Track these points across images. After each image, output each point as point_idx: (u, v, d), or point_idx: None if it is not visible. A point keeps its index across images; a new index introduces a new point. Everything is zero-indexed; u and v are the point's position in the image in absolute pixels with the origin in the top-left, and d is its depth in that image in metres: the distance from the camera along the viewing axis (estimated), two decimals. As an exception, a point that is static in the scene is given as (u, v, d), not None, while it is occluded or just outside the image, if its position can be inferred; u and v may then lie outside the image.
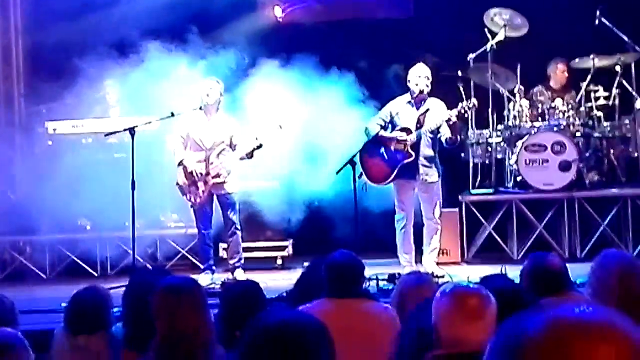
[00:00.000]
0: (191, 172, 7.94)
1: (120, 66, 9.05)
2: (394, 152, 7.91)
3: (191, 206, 8.12)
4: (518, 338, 1.31)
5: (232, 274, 8.11)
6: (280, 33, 9.76)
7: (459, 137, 8.03)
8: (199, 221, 8.14)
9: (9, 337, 3.36)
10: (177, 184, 8.05)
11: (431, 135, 7.94)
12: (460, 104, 7.94)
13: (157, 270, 5.73)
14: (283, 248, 9.26)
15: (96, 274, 9.10)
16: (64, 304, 4.80)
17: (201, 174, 7.96)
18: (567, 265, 4.54)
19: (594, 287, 3.95)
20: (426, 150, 7.93)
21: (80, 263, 9.17)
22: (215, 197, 8.10)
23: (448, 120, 7.73)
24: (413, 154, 7.85)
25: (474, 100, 8.14)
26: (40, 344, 3.90)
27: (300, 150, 8.77)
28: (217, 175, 7.98)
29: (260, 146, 7.88)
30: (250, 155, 7.95)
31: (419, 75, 7.95)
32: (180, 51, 8.96)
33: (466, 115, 8.23)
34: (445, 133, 7.86)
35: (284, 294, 6.28)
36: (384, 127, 7.96)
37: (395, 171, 7.88)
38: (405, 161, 7.86)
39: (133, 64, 9.01)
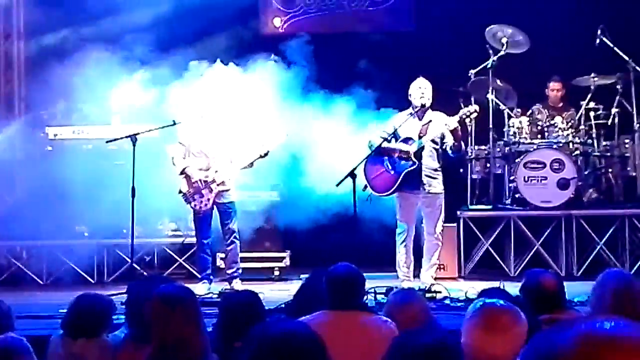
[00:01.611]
0: (197, 180, 7.95)
1: (123, 73, 9.06)
2: (397, 161, 7.93)
3: (196, 214, 8.10)
4: (549, 352, 1.32)
5: (230, 283, 8.10)
6: (280, 43, 9.76)
7: (462, 144, 8.04)
8: (199, 230, 8.14)
9: (14, 343, 3.36)
10: (181, 192, 8.05)
11: (435, 146, 7.95)
12: (461, 110, 7.98)
13: (158, 278, 5.71)
14: (280, 259, 9.26)
15: (93, 281, 9.09)
16: (62, 310, 4.78)
17: (205, 181, 7.97)
18: (564, 283, 4.55)
19: (592, 304, 3.98)
20: (430, 161, 7.94)
21: (77, 270, 9.16)
22: (215, 206, 8.09)
23: (448, 126, 7.75)
24: (416, 161, 7.87)
25: (475, 107, 8.15)
26: (36, 350, 3.89)
27: (298, 161, 8.77)
28: (223, 183, 8.00)
29: (266, 154, 7.93)
30: (251, 164, 8.00)
31: (419, 87, 7.99)
32: (181, 59, 8.96)
33: (468, 121, 8.21)
34: (449, 142, 7.88)
35: (283, 305, 6.28)
36: (388, 141, 7.96)
37: (399, 179, 7.88)
38: (409, 169, 7.87)
39: (135, 70, 9.04)
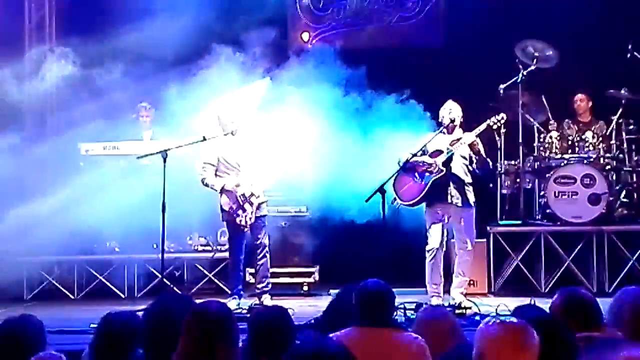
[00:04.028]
0: (241, 195, 7.98)
1: (156, 89, 9.13)
2: (425, 173, 7.92)
3: (238, 229, 8.09)
4: None
5: (259, 298, 8.12)
6: (309, 58, 9.77)
7: (489, 160, 8.01)
8: (237, 246, 8.17)
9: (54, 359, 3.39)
10: (223, 209, 8.09)
11: (465, 162, 7.94)
12: (488, 119, 7.96)
13: (181, 296, 5.72)
14: (310, 274, 9.27)
15: (123, 296, 9.18)
16: (93, 325, 4.79)
17: (244, 195, 8.01)
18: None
19: (610, 322, 3.96)
20: (460, 173, 7.91)
21: (108, 284, 9.24)
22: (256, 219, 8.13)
23: (465, 141, 7.76)
24: (444, 169, 7.85)
25: (502, 115, 8.12)
26: (69, 365, 3.91)
27: (329, 176, 8.76)
28: (260, 196, 8.05)
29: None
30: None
31: (446, 107, 8.03)
32: (214, 76, 9.00)
33: (495, 127, 8.15)
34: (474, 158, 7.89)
35: (312, 321, 6.27)
36: (416, 156, 7.95)
37: (427, 187, 7.87)
38: (436, 176, 7.85)
39: (164, 86, 9.10)
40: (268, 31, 9.59)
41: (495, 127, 8.11)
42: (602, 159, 9.39)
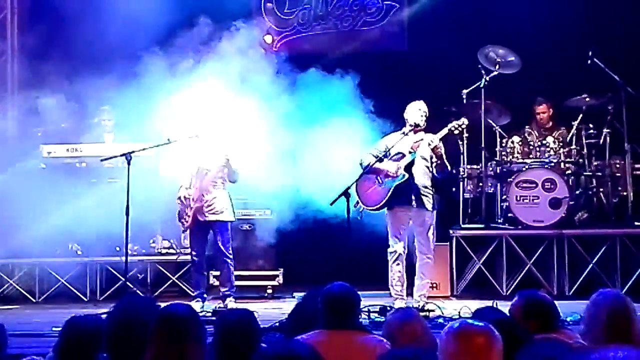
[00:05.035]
0: (180, 198, 8.00)
1: (116, 91, 9.07)
2: (387, 178, 7.97)
3: (183, 231, 8.16)
4: None
5: (224, 302, 8.11)
6: (272, 62, 9.77)
7: (447, 164, 8.05)
8: (194, 248, 8.17)
9: None
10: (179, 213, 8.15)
11: (426, 164, 7.99)
12: (450, 124, 8.02)
13: (144, 298, 5.69)
14: (274, 277, 9.27)
15: (86, 299, 9.11)
16: (55, 328, 4.76)
17: (187, 198, 8.01)
18: (556, 302, 4.60)
19: (586, 323, 4.02)
20: (421, 177, 7.96)
21: (70, 288, 9.16)
22: (211, 224, 8.12)
23: (432, 143, 7.80)
24: (406, 174, 7.91)
25: (463, 119, 8.18)
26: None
27: (293, 180, 8.78)
28: (200, 200, 8.01)
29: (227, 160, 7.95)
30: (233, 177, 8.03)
31: (420, 109, 8.04)
32: (174, 77, 8.96)
33: (457, 133, 8.21)
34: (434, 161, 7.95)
35: (277, 324, 6.29)
36: (379, 159, 8.00)
37: (389, 192, 7.92)
38: (399, 182, 7.90)
39: (128, 89, 9.04)
40: (231, 32, 9.58)
41: (456, 132, 8.18)
42: (562, 164, 9.52)
